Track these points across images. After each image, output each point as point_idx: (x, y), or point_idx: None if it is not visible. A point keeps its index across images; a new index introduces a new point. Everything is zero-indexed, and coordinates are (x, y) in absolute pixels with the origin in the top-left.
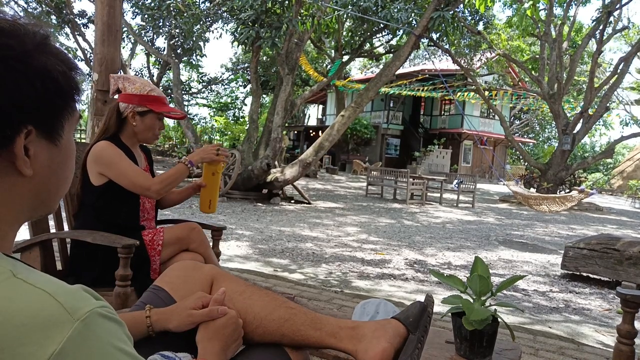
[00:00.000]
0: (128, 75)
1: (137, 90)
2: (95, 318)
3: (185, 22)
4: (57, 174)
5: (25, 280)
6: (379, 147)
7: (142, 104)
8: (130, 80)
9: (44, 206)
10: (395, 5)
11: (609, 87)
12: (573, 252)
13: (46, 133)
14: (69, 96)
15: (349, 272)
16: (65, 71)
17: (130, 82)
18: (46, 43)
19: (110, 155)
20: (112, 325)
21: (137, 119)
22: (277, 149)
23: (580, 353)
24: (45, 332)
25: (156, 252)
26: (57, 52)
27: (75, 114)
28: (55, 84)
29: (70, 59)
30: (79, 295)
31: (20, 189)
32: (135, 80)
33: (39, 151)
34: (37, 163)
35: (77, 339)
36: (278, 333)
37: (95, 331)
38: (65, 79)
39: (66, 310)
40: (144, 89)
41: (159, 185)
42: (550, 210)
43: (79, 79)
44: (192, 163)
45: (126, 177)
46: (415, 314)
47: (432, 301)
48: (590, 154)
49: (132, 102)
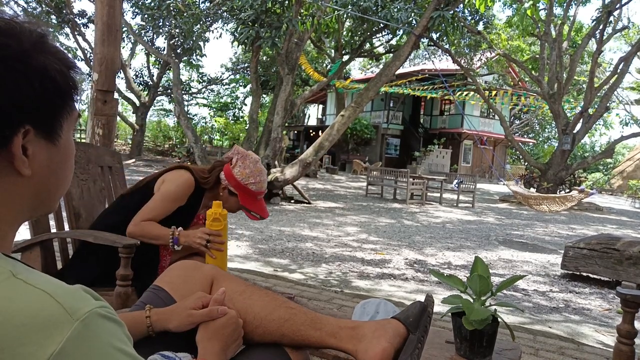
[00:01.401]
0: (247, 155)
1: (241, 177)
2: (94, 318)
3: (185, 22)
4: (56, 173)
5: (25, 281)
6: (379, 147)
7: (237, 189)
8: (245, 163)
9: (44, 206)
10: (395, 5)
11: (609, 87)
12: (573, 252)
13: (45, 133)
14: (67, 95)
15: (349, 272)
16: (64, 70)
17: (242, 164)
18: (44, 42)
19: (173, 189)
20: (111, 325)
21: (225, 193)
22: (277, 149)
23: (580, 353)
24: (44, 333)
25: (168, 252)
26: (55, 51)
27: (74, 113)
28: (53, 83)
29: (68, 57)
30: (78, 296)
31: (19, 189)
32: (248, 165)
33: (38, 151)
34: (35, 163)
35: (76, 339)
36: (278, 333)
37: (95, 331)
38: (63, 78)
39: (66, 311)
40: (248, 179)
41: (137, 231)
42: (550, 210)
43: (78, 77)
44: (176, 241)
45: (147, 204)
46: (415, 314)
47: (432, 301)
48: (590, 154)
49: (229, 182)
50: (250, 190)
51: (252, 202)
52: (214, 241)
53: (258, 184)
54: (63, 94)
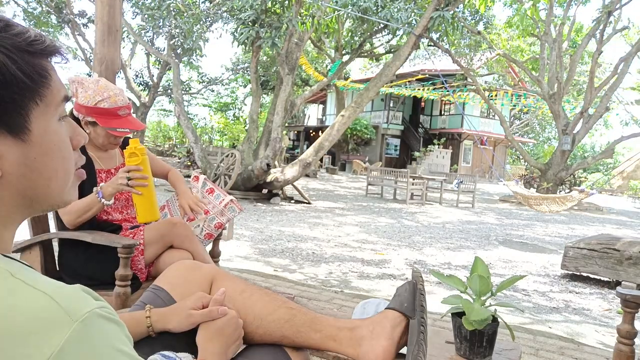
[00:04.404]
0: (84, 79)
1: (86, 100)
2: (94, 319)
3: (185, 22)
4: (37, 169)
5: (24, 281)
6: (379, 147)
7: (90, 115)
8: (84, 85)
9: (40, 202)
10: (395, 5)
11: (609, 87)
12: (573, 252)
13: (6, 131)
14: (22, 85)
15: (349, 272)
16: (14, 58)
17: (83, 89)
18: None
19: None
20: (111, 326)
21: (90, 128)
22: (277, 149)
23: (580, 353)
24: (43, 334)
25: (139, 252)
26: (4, 37)
27: (47, 99)
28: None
29: (26, 39)
30: (77, 296)
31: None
32: (89, 87)
33: (5, 150)
34: (6, 162)
35: (76, 340)
36: (278, 333)
37: (95, 332)
38: (15, 66)
39: (65, 312)
40: (94, 99)
41: (68, 216)
42: (550, 210)
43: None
44: (101, 194)
45: None
46: (407, 297)
47: (420, 275)
48: (590, 154)
49: (81, 113)
50: (103, 109)
51: (113, 119)
52: (135, 177)
53: (108, 99)
54: (13, 85)
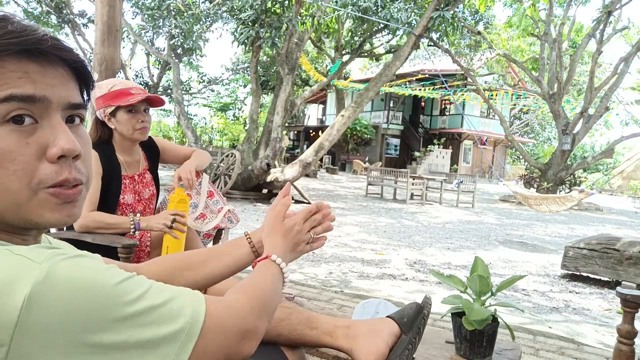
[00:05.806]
0: (99, 83)
1: (101, 92)
2: (60, 258)
3: (185, 22)
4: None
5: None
6: (379, 147)
7: (107, 104)
8: (100, 86)
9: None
10: (395, 5)
11: (609, 87)
12: (573, 252)
13: None
14: None
15: (349, 272)
16: None
17: (97, 88)
18: None
19: None
20: (82, 259)
21: (112, 121)
22: (277, 149)
23: (580, 353)
24: (13, 284)
25: (145, 254)
26: None
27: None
28: None
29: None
30: (40, 248)
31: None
32: (101, 85)
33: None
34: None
35: (46, 279)
36: (274, 332)
37: (65, 267)
38: None
39: (29, 259)
40: (109, 87)
41: (90, 223)
42: (550, 210)
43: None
44: (138, 226)
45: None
46: (410, 314)
47: (430, 303)
48: (590, 154)
49: (100, 107)
50: (117, 91)
51: (129, 95)
52: (179, 221)
53: (121, 83)
54: None
